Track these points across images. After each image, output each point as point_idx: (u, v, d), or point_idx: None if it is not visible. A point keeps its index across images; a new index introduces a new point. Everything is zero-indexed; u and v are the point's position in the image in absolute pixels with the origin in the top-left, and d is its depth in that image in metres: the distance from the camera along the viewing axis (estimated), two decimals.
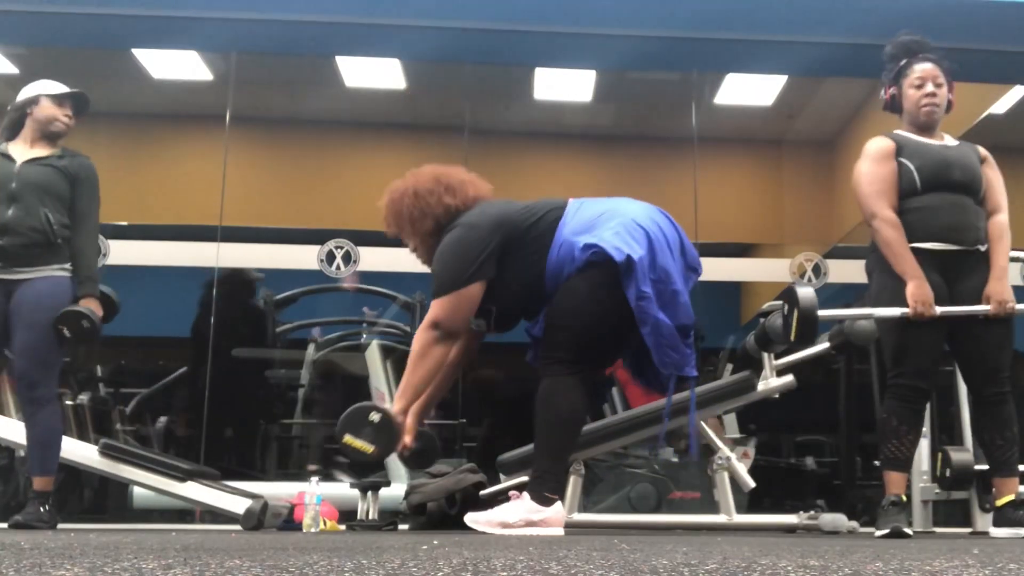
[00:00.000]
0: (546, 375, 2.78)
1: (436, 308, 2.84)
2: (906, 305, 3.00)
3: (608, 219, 2.82)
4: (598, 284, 2.75)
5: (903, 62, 3.28)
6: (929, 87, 3.22)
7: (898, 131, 3.28)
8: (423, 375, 2.84)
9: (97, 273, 3.58)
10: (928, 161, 3.14)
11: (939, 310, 3.00)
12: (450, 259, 2.85)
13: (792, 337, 3.06)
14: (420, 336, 2.84)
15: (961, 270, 3.09)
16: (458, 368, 3.20)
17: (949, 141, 3.27)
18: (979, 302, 3.06)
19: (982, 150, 3.30)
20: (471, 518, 2.79)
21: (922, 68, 3.25)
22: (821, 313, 3.06)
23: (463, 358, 3.16)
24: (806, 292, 3.04)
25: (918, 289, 2.99)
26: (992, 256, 3.13)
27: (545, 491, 2.73)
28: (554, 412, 2.76)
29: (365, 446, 2.75)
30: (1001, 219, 3.19)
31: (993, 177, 3.24)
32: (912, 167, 3.13)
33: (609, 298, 2.73)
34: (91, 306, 3.45)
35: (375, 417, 2.74)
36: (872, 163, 3.20)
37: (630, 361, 3.06)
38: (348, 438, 2.76)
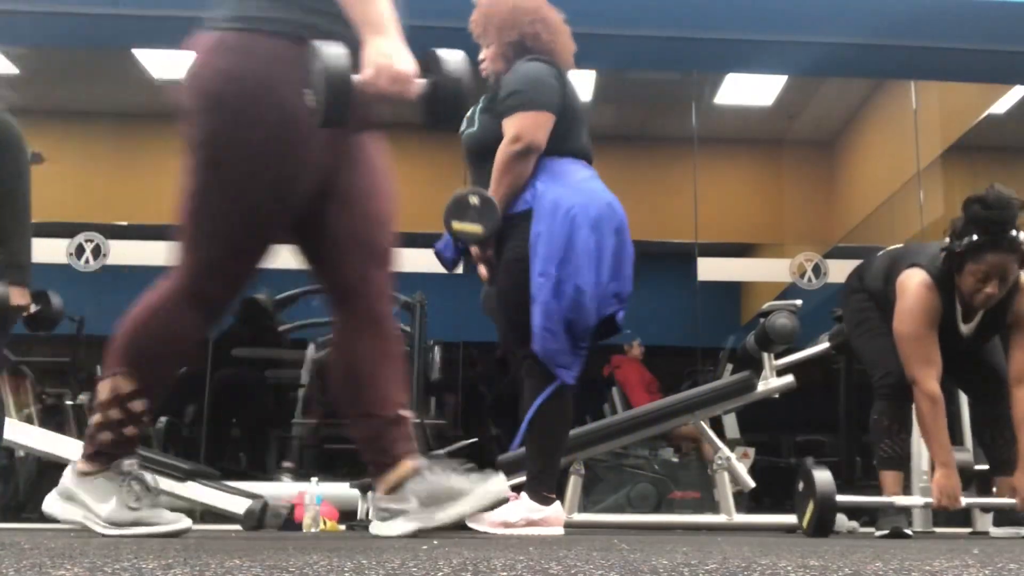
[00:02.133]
0: (528, 376, 2.76)
1: (517, 121, 2.73)
2: (880, 329, 3.00)
3: (569, 189, 2.74)
4: (518, 266, 2.69)
5: (979, 239, 2.80)
6: (992, 286, 2.81)
7: (947, 279, 2.91)
8: (507, 190, 2.73)
9: (29, 261, 2.94)
10: (941, 342, 2.93)
11: (964, 502, 2.89)
12: (540, 82, 2.78)
13: (806, 526, 2.92)
14: (501, 152, 2.73)
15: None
16: None
17: (979, 317, 2.97)
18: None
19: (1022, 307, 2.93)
20: (471, 520, 2.78)
21: (994, 260, 2.79)
22: (839, 499, 2.89)
23: None
24: (824, 478, 2.84)
25: (946, 480, 2.87)
26: (1021, 442, 2.89)
27: (543, 490, 2.73)
28: (542, 411, 2.74)
29: (474, 227, 2.71)
30: None
31: None
32: None
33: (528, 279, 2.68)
34: (14, 295, 2.85)
35: (475, 200, 2.71)
36: (923, 325, 2.90)
37: None
38: (457, 224, 2.72)
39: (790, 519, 3.69)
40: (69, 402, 5.24)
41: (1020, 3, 5.53)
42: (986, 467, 3.20)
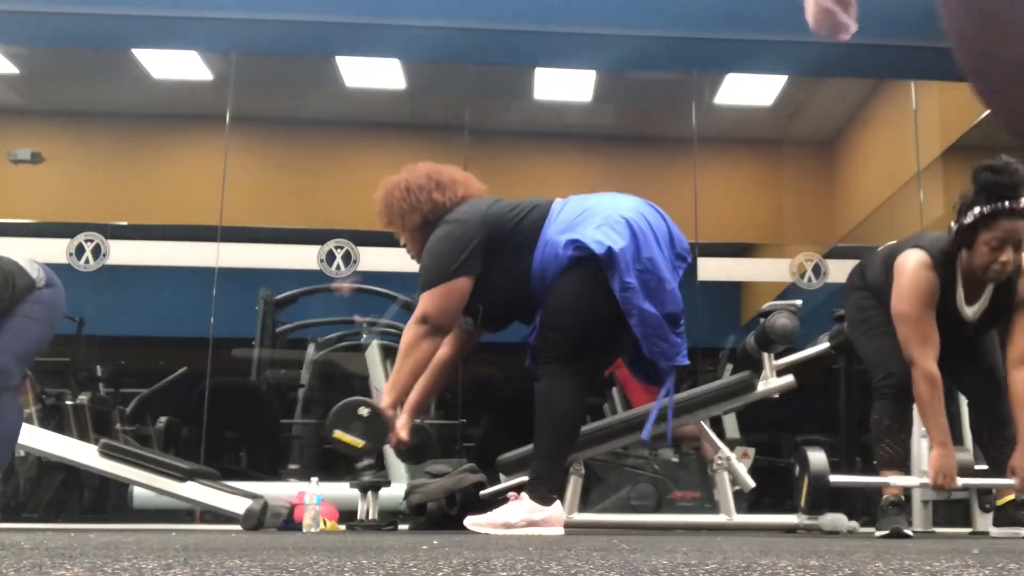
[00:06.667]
0: (543, 374, 2.78)
1: (424, 302, 2.85)
2: (882, 328, 2.98)
3: (591, 215, 2.82)
4: (586, 280, 2.76)
5: (990, 207, 2.75)
6: (1007, 254, 2.76)
7: (948, 259, 2.90)
8: (411, 369, 2.85)
9: None
10: (942, 327, 2.91)
11: (961, 482, 2.88)
12: (437, 254, 2.86)
13: (803, 504, 3.00)
14: (408, 330, 2.85)
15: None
16: (452, 366, 3.19)
17: (984, 299, 2.96)
18: (984, 374, 3.03)
19: None
20: (471, 521, 2.78)
21: (1009, 226, 2.74)
22: (833, 479, 2.98)
23: (457, 356, 3.16)
24: (817, 458, 2.92)
25: (942, 460, 2.87)
26: (1018, 421, 2.87)
27: (545, 491, 2.74)
28: (553, 412, 2.76)
29: (355, 440, 2.78)
30: None
31: None
32: None
33: (598, 293, 2.74)
34: None
35: (364, 412, 2.77)
36: (921, 305, 2.87)
37: (629, 357, 3.05)
38: (338, 433, 2.78)
39: (790, 519, 3.69)
40: (69, 402, 5.23)
41: None
42: (986, 467, 3.20)
